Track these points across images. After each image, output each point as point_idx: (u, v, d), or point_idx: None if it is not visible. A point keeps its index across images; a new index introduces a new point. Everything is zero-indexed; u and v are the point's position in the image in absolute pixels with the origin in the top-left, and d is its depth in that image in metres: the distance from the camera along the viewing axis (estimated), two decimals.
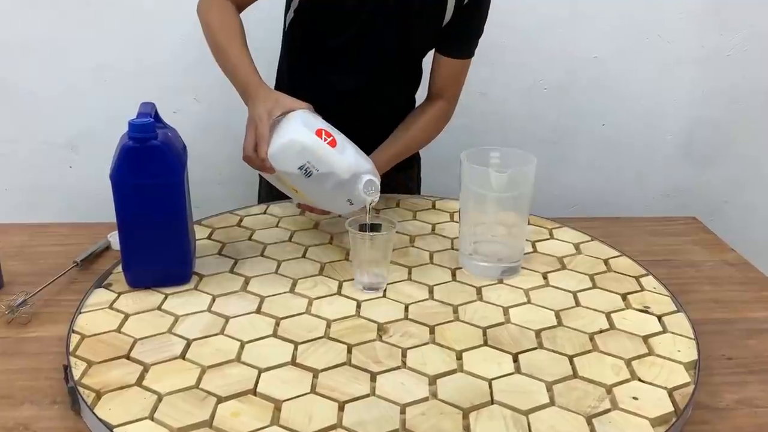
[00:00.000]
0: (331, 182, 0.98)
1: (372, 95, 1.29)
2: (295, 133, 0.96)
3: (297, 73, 1.32)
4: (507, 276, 1.03)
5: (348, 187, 0.99)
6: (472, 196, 1.02)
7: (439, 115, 1.31)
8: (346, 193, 1.00)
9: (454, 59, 1.26)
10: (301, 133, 0.96)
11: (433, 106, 1.31)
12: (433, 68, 1.29)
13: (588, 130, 1.98)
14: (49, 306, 0.99)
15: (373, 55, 1.24)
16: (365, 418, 0.72)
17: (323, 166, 0.96)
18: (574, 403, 0.75)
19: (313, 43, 1.26)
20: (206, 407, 0.73)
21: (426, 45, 1.28)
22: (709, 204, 2.07)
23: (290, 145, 0.96)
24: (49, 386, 0.81)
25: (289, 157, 0.96)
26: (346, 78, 1.26)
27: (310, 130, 0.97)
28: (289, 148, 0.96)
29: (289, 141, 0.96)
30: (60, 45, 1.79)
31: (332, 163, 0.97)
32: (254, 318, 0.91)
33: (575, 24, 1.87)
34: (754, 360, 0.90)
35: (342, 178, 0.98)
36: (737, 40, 1.90)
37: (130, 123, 0.90)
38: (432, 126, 1.32)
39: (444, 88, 1.30)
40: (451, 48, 1.26)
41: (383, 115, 1.31)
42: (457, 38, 1.25)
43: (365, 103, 1.29)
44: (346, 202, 1.02)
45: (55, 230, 1.25)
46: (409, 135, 1.28)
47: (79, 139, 1.89)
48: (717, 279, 1.13)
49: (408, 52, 1.29)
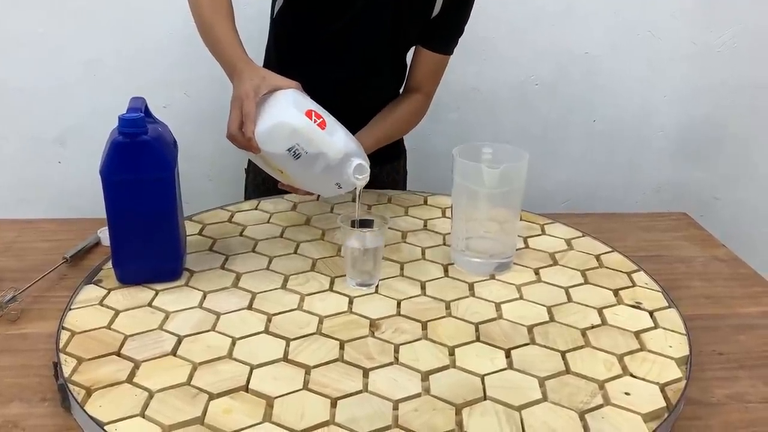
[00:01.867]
0: (320, 165, 0.96)
1: (361, 86, 1.29)
2: (285, 115, 0.94)
3: (285, 61, 1.30)
4: (499, 272, 1.03)
5: (337, 170, 0.97)
6: (464, 192, 1.02)
7: (417, 107, 1.32)
8: (335, 177, 0.99)
9: (436, 54, 1.27)
10: (291, 114, 0.94)
11: (411, 99, 1.31)
12: (414, 62, 1.30)
13: (579, 126, 1.99)
14: (39, 302, 0.98)
15: (364, 45, 1.24)
16: (358, 415, 0.72)
17: (313, 148, 0.94)
18: (567, 398, 0.76)
19: (303, 31, 1.25)
20: (198, 404, 0.73)
21: (414, 36, 1.28)
22: (700, 200, 2.09)
23: (279, 126, 0.93)
24: (38, 383, 0.80)
25: (277, 139, 0.94)
26: (335, 67, 1.25)
27: (300, 111, 0.94)
28: (279, 129, 0.93)
29: (279, 122, 0.93)
30: (48, 40, 1.78)
31: (322, 145, 0.95)
32: (246, 314, 0.91)
33: (567, 20, 1.87)
34: (745, 355, 0.91)
35: (332, 160, 0.96)
36: (727, 36, 1.91)
37: (120, 118, 0.89)
38: (411, 118, 1.33)
39: (423, 82, 1.31)
40: (434, 42, 1.26)
41: (371, 106, 1.30)
42: (442, 32, 1.26)
43: (354, 93, 1.27)
44: (335, 186, 1.01)
45: (44, 226, 1.24)
46: (388, 124, 1.28)
47: (68, 134, 1.87)
48: (708, 275, 1.13)
49: (397, 42, 1.29)
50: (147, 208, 0.93)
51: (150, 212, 0.94)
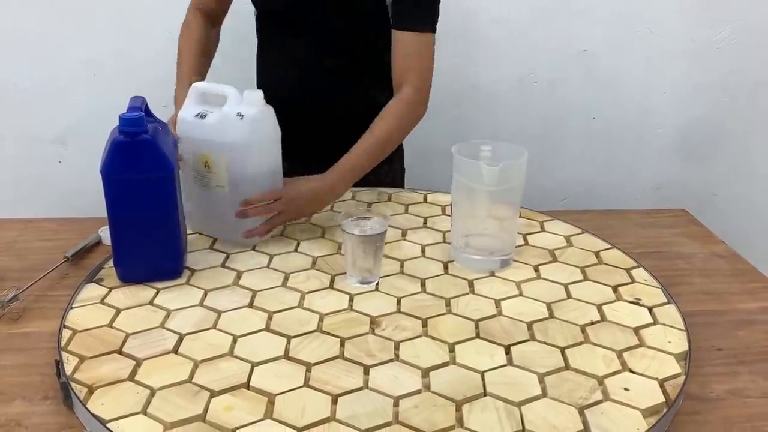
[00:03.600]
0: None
1: (331, 67, 1.28)
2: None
3: (262, 57, 1.38)
4: (499, 269, 1.04)
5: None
6: (463, 190, 1.02)
7: (404, 105, 1.18)
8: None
9: (410, 32, 1.16)
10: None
11: (397, 98, 1.19)
12: (393, 53, 1.19)
13: (578, 124, 1.99)
14: (40, 301, 0.98)
15: (319, 22, 1.25)
16: (358, 411, 0.72)
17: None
18: (566, 394, 0.76)
19: (266, 13, 1.31)
20: (199, 401, 0.73)
21: (370, 16, 1.20)
22: (699, 196, 2.08)
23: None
24: (40, 382, 0.80)
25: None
26: (300, 48, 1.28)
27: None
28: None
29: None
30: (49, 39, 1.78)
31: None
32: (246, 312, 0.91)
33: (566, 17, 1.87)
34: (744, 351, 0.91)
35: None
36: (726, 32, 1.91)
37: (121, 117, 0.90)
38: (401, 120, 1.19)
39: (406, 71, 1.18)
40: (403, 19, 1.16)
41: (350, 102, 1.30)
42: (408, 7, 1.16)
43: (325, 81, 1.29)
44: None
45: (45, 225, 1.24)
46: (373, 135, 1.16)
47: (68, 134, 1.88)
48: (707, 271, 1.13)
49: (352, 21, 1.23)
50: (148, 207, 0.94)
51: (151, 211, 0.94)
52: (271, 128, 1.08)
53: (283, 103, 1.10)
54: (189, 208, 1.07)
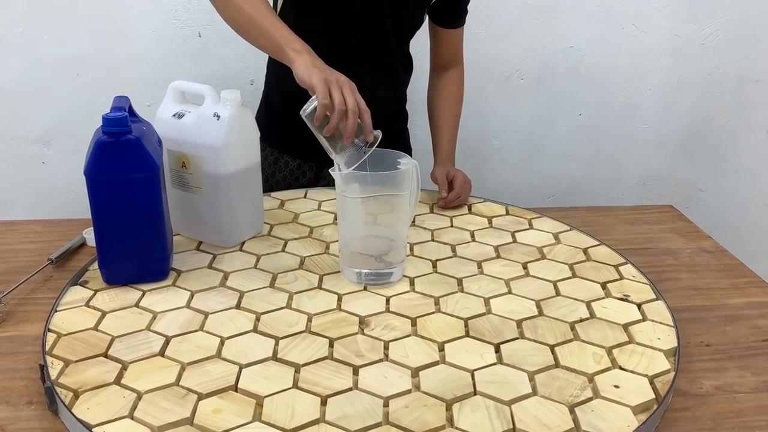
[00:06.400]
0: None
1: (371, 70, 1.27)
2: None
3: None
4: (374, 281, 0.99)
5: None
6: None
7: (460, 79, 1.44)
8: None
9: (455, 29, 1.38)
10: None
11: (452, 76, 1.42)
12: (439, 44, 1.40)
13: (565, 120, 1.99)
14: (24, 304, 0.97)
15: (366, 35, 1.26)
16: (348, 412, 0.72)
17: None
18: (557, 392, 0.76)
19: (305, 24, 1.23)
20: (187, 404, 0.72)
21: (417, 23, 1.35)
22: (685, 192, 2.10)
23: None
24: (24, 386, 0.79)
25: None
26: (327, 45, 1.22)
27: None
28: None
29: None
30: (30, 38, 1.76)
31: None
32: (234, 313, 0.90)
33: (552, 14, 1.88)
34: (732, 346, 0.91)
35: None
36: (711, 29, 1.92)
37: (104, 117, 0.89)
38: (461, 91, 1.44)
39: (453, 56, 1.42)
40: (451, 20, 1.36)
41: (381, 96, 1.27)
42: (454, 9, 1.35)
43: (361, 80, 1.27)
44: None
45: (28, 227, 1.22)
46: (453, 112, 1.41)
47: (51, 134, 1.85)
48: (694, 266, 1.14)
49: (404, 30, 1.34)
50: (133, 208, 0.93)
51: (136, 212, 0.93)
52: (248, 129, 1.07)
53: (297, 98, 1.08)
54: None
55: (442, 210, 1.27)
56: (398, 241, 0.99)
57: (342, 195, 0.96)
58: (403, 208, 0.97)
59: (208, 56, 1.82)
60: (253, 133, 1.08)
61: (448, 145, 1.39)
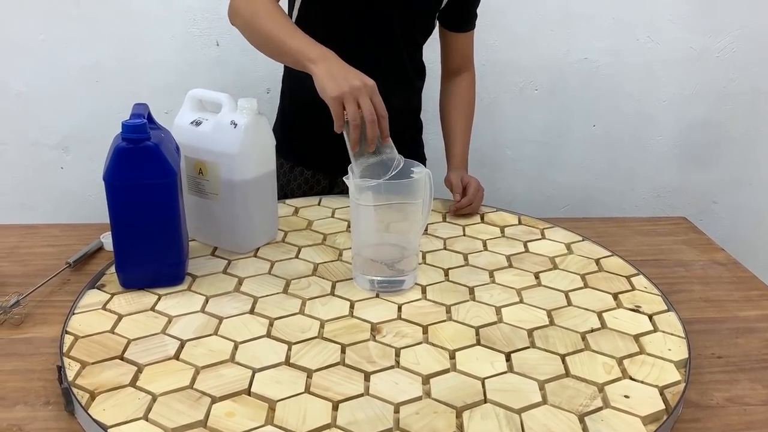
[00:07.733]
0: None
1: (382, 78, 1.27)
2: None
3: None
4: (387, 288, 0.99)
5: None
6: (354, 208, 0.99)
7: (471, 83, 1.45)
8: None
9: (466, 33, 1.39)
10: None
11: (463, 80, 1.43)
12: (449, 48, 1.41)
13: (579, 131, 2.00)
14: (42, 307, 0.98)
15: (376, 40, 1.26)
16: (359, 418, 0.72)
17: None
18: (567, 401, 0.76)
19: (319, 28, 1.24)
20: (201, 407, 0.73)
21: (428, 29, 1.35)
22: (699, 204, 2.09)
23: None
24: (42, 387, 0.81)
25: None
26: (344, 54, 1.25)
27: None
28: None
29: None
30: (51, 45, 1.79)
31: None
32: (248, 318, 0.91)
33: (566, 25, 1.88)
34: (744, 358, 0.91)
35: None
36: (726, 41, 1.92)
37: (124, 124, 0.90)
38: (473, 96, 1.45)
39: (464, 60, 1.43)
40: (461, 24, 1.37)
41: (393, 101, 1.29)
42: (464, 14, 1.36)
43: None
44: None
45: (47, 231, 1.24)
46: (466, 117, 1.42)
47: (70, 140, 1.88)
48: (707, 278, 1.14)
49: (414, 36, 1.34)
50: (150, 214, 0.94)
51: (153, 217, 0.95)
52: (264, 137, 1.08)
53: (312, 110, 1.10)
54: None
55: (454, 218, 1.27)
56: (410, 249, 1.00)
57: (356, 203, 0.97)
58: (415, 216, 0.98)
59: (226, 65, 1.84)
60: (269, 140, 1.10)
61: (462, 151, 1.40)
